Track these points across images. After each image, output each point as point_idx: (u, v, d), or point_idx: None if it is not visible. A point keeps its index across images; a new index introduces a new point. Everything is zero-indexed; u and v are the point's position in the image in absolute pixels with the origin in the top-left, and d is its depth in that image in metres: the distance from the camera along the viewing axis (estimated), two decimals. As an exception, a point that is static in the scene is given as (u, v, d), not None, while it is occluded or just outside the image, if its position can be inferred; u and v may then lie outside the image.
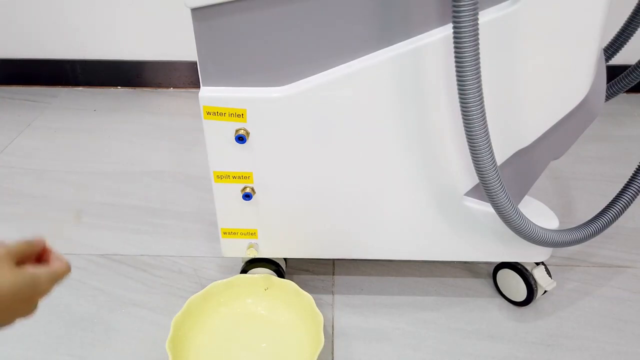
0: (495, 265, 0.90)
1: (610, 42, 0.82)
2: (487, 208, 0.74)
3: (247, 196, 0.74)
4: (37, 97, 1.55)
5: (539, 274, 0.83)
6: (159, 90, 1.60)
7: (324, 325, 0.76)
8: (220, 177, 0.74)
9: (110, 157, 1.29)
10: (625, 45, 0.81)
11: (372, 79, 0.65)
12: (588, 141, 1.31)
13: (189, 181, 1.19)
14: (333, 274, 0.94)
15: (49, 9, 1.51)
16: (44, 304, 0.46)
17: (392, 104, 0.67)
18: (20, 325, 0.87)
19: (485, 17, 0.60)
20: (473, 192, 0.75)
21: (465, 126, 0.60)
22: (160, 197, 1.14)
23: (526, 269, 0.84)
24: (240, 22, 0.62)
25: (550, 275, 0.84)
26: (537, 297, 0.85)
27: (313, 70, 0.66)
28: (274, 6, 0.61)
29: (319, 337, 0.74)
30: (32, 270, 0.48)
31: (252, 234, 0.80)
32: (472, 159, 0.63)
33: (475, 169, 0.63)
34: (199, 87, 0.67)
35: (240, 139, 0.69)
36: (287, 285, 0.82)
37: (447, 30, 0.61)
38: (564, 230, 0.73)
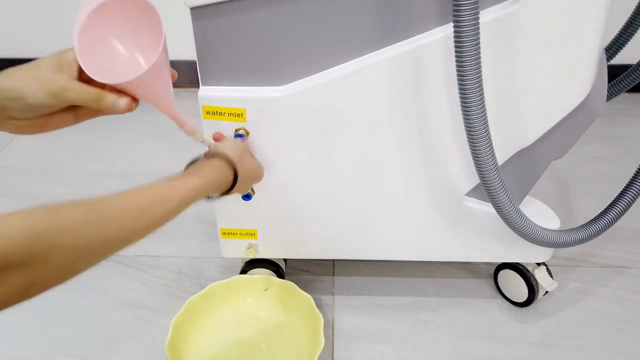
0: (496, 265, 0.90)
1: (611, 42, 0.82)
2: (488, 208, 0.74)
3: (246, 196, 0.74)
4: (37, 97, 1.55)
5: (540, 275, 0.83)
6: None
7: (324, 326, 0.75)
8: (220, 177, 0.74)
9: (110, 157, 1.29)
10: (626, 45, 0.80)
11: (372, 78, 0.65)
12: (589, 141, 1.31)
13: (189, 181, 1.19)
14: (333, 275, 0.94)
15: (48, 9, 1.50)
16: (43, 303, 0.46)
17: (393, 104, 0.67)
18: (20, 325, 0.87)
19: (486, 16, 0.60)
20: (474, 192, 0.75)
21: (466, 126, 0.60)
22: (160, 197, 1.14)
23: (527, 270, 0.83)
24: (240, 22, 0.62)
25: (551, 276, 0.84)
26: (538, 298, 0.85)
27: (313, 70, 0.65)
28: (274, 6, 0.61)
29: (319, 337, 0.73)
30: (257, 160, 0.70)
31: (252, 234, 0.80)
32: (473, 159, 0.62)
33: (476, 169, 0.63)
34: (198, 87, 0.67)
35: (240, 138, 0.69)
36: (287, 286, 0.82)
37: (448, 29, 0.60)
38: (565, 231, 0.73)
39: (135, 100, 0.51)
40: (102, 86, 0.48)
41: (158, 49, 0.47)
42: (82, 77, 0.47)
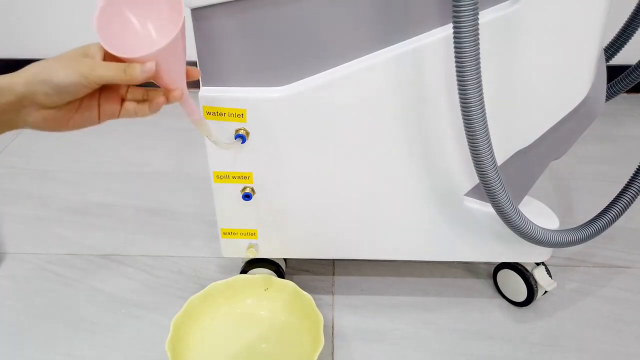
0: (495, 265, 0.90)
1: (610, 42, 0.82)
2: (487, 208, 0.74)
3: (247, 196, 0.74)
4: (37, 97, 1.55)
5: (539, 275, 0.83)
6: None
7: (324, 326, 0.75)
8: (220, 177, 0.74)
9: (110, 157, 1.29)
10: (625, 45, 0.80)
11: (372, 79, 0.65)
12: (588, 141, 1.31)
13: (189, 181, 1.19)
14: (333, 275, 0.94)
15: (48, 9, 1.51)
16: (43, 303, 0.46)
17: (392, 104, 0.67)
18: (20, 325, 0.87)
19: (486, 17, 0.60)
20: (473, 192, 0.75)
21: (465, 126, 0.60)
22: (160, 197, 1.14)
23: (526, 270, 0.83)
24: (240, 22, 0.62)
25: (550, 276, 0.84)
26: (537, 298, 0.85)
27: (313, 70, 0.66)
28: (274, 6, 0.61)
29: (318, 337, 0.74)
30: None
31: (252, 234, 0.80)
32: (473, 159, 0.62)
33: (476, 169, 0.63)
34: (198, 87, 0.67)
35: (240, 138, 0.69)
36: (287, 285, 0.82)
37: (447, 30, 0.61)
38: (565, 231, 0.73)
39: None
40: None
41: (177, 27, 0.48)
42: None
